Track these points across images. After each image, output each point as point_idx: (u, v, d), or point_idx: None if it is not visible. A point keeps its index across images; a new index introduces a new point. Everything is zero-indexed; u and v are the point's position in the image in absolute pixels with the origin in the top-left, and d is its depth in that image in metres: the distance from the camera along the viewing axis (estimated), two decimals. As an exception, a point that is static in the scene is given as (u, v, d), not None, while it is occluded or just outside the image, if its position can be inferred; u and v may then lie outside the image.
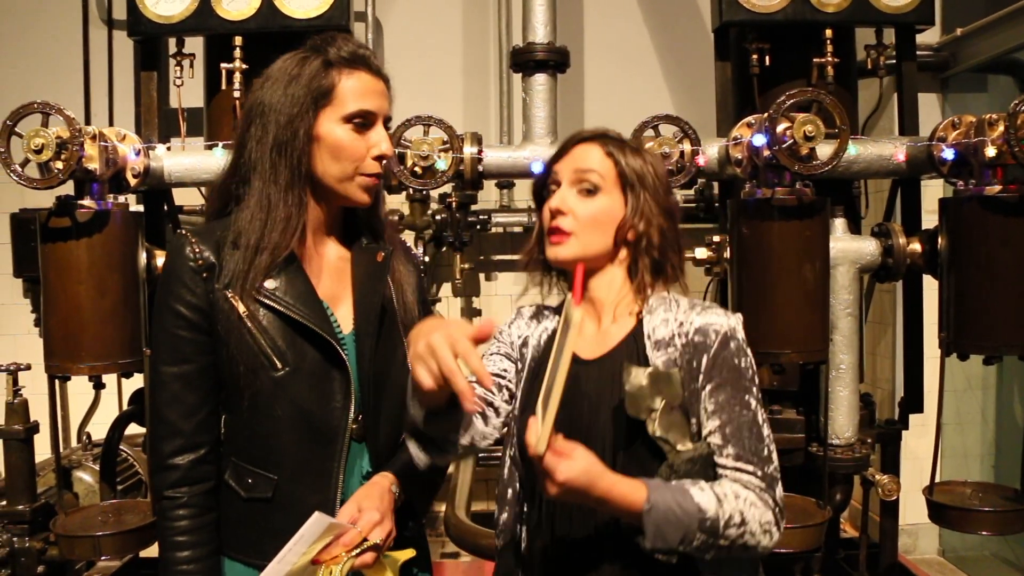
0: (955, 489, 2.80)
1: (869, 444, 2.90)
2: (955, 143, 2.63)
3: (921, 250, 2.80)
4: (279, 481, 1.50)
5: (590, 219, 1.48)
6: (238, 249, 1.48)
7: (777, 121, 2.46)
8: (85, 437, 3.51)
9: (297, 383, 1.49)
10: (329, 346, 1.50)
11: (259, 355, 1.47)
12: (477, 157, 2.84)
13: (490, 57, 4.62)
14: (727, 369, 1.43)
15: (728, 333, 1.45)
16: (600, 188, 1.50)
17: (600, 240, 1.50)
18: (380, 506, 1.46)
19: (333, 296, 1.57)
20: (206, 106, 3.00)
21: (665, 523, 1.30)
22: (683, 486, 1.35)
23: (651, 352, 1.44)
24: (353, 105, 1.51)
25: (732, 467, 1.40)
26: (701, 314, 1.47)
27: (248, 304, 1.47)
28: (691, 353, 1.43)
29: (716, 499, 1.34)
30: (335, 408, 1.52)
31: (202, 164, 2.75)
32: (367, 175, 1.53)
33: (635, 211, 1.50)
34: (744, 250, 2.60)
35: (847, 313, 2.81)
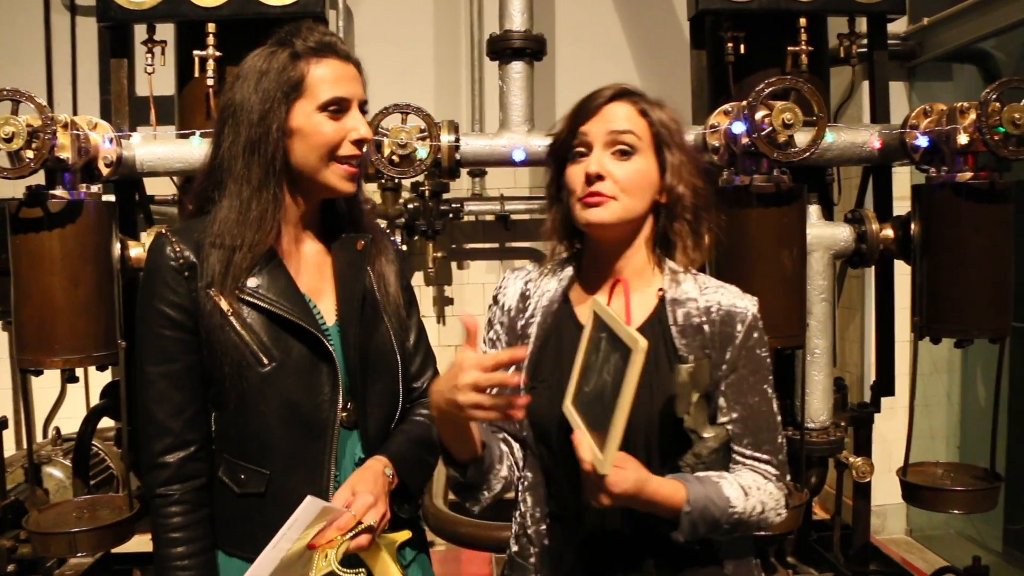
0: (927, 470, 2.85)
1: (843, 427, 2.94)
2: (928, 131, 2.66)
3: (894, 236, 2.84)
4: (271, 475, 1.49)
5: (630, 182, 1.42)
6: (216, 249, 1.47)
7: (756, 109, 2.47)
8: (54, 432, 3.44)
9: (284, 378, 1.48)
10: (314, 339, 1.49)
11: (245, 352, 1.46)
12: (454, 145, 2.82)
13: (461, 45, 4.59)
14: (752, 360, 1.44)
15: (752, 321, 1.45)
16: (637, 149, 1.43)
17: (640, 204, 1.44)
18: (374, 489, 1.45)
19: (315, 289, 1.56)
20: (177, 94, 2.93)
21: (701, 520, 1.34)
22: (714, 481, 1.38)
23: (678, 339, 1.43)
24: (326, 93, 1.48)
25: (751, 456, 1.44)
26: (725, 297, 1.46)
27: (231, 302, 1.46)
28: (719, 340, 1.43)
29: (744, 493, 1.38)
30: (323, 400, 1.50)
31: (175, 153, 2.70)
32: (345, 160, 1.50)
33: (673, 171, 1.44)
34: (722, 237, 2.61)
35: (822, 298, 2.85)
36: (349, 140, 1.50)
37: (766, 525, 1.43)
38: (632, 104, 1.45)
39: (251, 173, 1.47)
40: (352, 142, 1.50)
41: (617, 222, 1.43)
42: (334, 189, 1.52)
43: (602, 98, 1.45)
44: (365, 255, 1.59)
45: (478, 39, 4.49)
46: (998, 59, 4.05)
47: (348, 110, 1.50)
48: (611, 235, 1.46)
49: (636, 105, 1.45)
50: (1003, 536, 4.06)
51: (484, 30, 4.45)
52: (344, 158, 1.50)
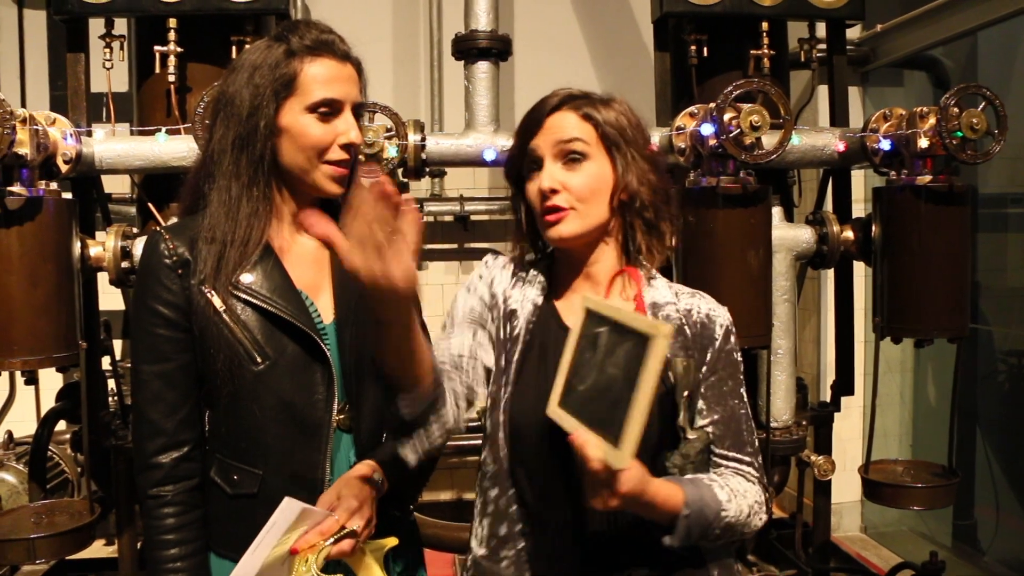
0: (887, 467, 2.91)
1: (804, 426, 2.99)
2: (890, 134, 2.72)
3: (854, 238, 2.90)
4: (264, 476, 1.47)
5: (585, 189, 1.42)
6: (208, 244, 1.45)
7: (724, 110, 2.50)
8: (6, 435, 3.35)
9: (278, 376, 1.46)
10: (309, 338, 1.47)
11: (238, 350, 1.44)
12: (420, 145, 2.82)
13: (420, 45, 4.58)
14: (729, 364, 1.46)
15: (729, 327, 1.47)
16: (586, 155, 1.42)
17: (599, 209, 1.43)
18: (359, 494, 1.43)
19: (313, 286, 1.53)
20: (136, 90, 2.88)
21: (695, 524, 1.33)
22: (707, 484, 1.38)
23: None
24: (317, 94, 1.45)
25: (733, 458, 1.44)
26: (703, 302, 1.48)
27: (225, 299, 1.44)
28: (699, 343, 1.44)
29: (732, 496, 1.38)
30: (318, 400, 1.49)
31: (136, 151, 2.65)
32: (333, 163, 1.48)
33: (624, 169, 1.43)
34: (689, 237, 2.64)
35: (784, 299, 2.89)
36: (338, 144, 1.47)
37: (749, 530, 1.42)
38: (574, 110, 1.44)
39: (240, 169, 1.46)
40: (341, 146, 1.47)
41: (580, 233, 1.43)
42: (321, 190, 1.50)
43: (545, 109, 1.45)
44: None
45: (438, 39, 4.48)
46: (947, 66, 4.17)
47: (340, 112, 1.47)
48: (578, 244, 1.46)
49: (579, 111, 1.44)
50: (952, 532, 4.17)
51: (444, 29, 4.44)
52: (332, 161, 1.48)
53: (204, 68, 2.77)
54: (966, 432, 3.91)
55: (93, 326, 2.70)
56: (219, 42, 2.76)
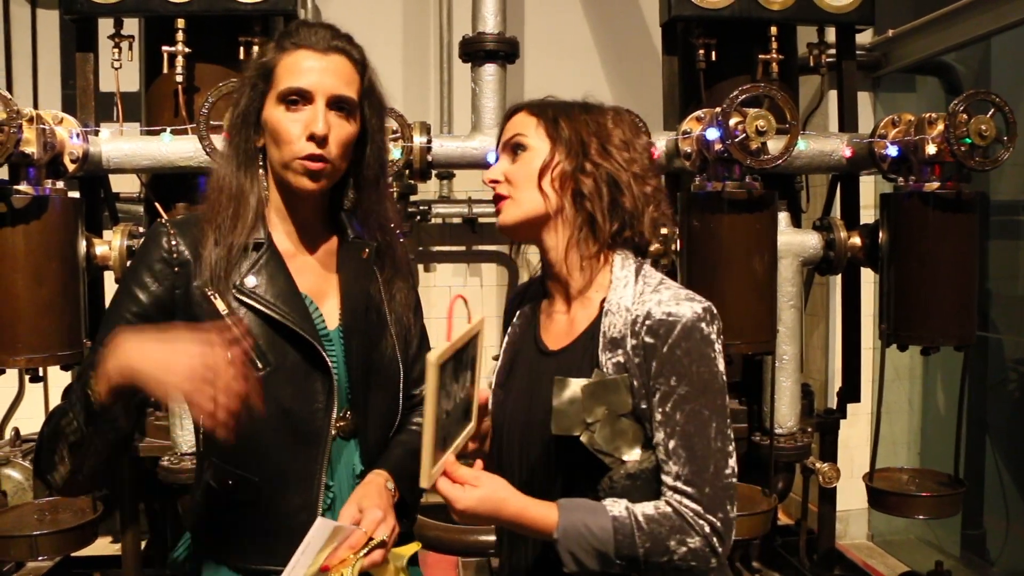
0: (893, 475, 2.90)
1: (809, 433, 2.98)
2: (897, 140, 2.71)
3: (861, 244, 2.89)
4: (260, 483, 1.44)
5: (520, 174, 1.39)
6: (211, 245, 1.43)
7: (729, 115, 2.50)
8: (12, 432, 3.37)
9: (278, 383, 1.42)
10: (311, 346, 1.44)
11: (240, 354, 1.40)
12: (426, 147, 2.83)
13: (430, 47, 4.58)
14: (676, 375, 1.28)
15: (681, 333, 1.28)
16: (526, 146, 1.40)
17: (532, 194, 1.38)
18: (380, 503, 1.41)
19: (318, 291, 1.51)
20: (144, 90, 2.90)
21: (578, 548, 1.24)
22: (601, 508, 1.27)
23: (602, 353, 1.32)
24: (284, 83, 1.43)
25: (671, 487, 1.28)
26: (660, 305, 1.30)
27: (228, 302, 1.42)
28: (642, 355, 1.29)
29: (636, 524, 1.25)
30: (317, 409, 1.46)
31: (143, 150, 2.67)
32: (304, 159, 1.42)
33: (563, 147, 1.37)
34: (694, 242, 2.65)
35: (790, 305, 2.89)
36: (304, 136, 1.42)
37: (686, 568, 1.26)
38: (526, 111, 1.43)
39: (230, 163, 1.47)
40: (307, 137, 1.41)
41: (516, 221, 1.39)
42: (291, 186, 1.46)
43: (507, 114, 1.47)
44: (370, 263, 1.54)
45: (447, 41, 4.48)
46: (959, 71, 4.14)
47: (311, 102, 1.42)
48: (524, 234, 1.43)
49: (530, 109, 1.43)
50: (961, 541, 4.14)
51: (454, 32, 4.45)
52: (300, 154, 1.42)
53: (212, 68, 2.79)
54: (975, 441, 3.88)
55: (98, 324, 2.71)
56: (227, 42, 2.78)
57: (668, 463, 1.28)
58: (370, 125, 1.51)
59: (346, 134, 1.45)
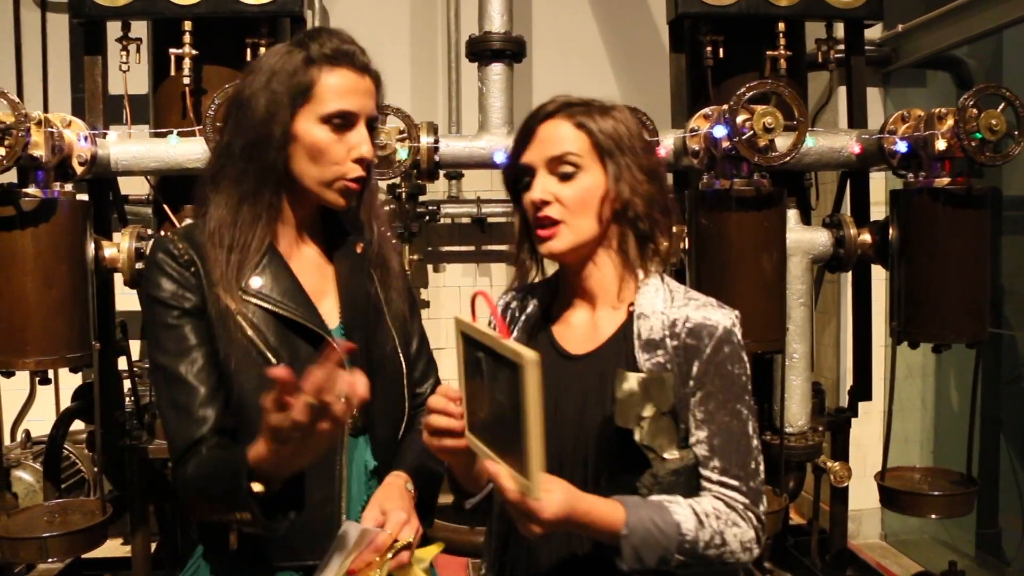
0: (904, 474, 2.88)
1: (820, 432, 2.96)
2: (907, 136, 2.70)
3: (871, 241, 2.87)
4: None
5: (576, 202, 1.37)
6: (215, 249, 1.44)
7: (737, 112, 2.49)
8: (23, 434, 3.39)
9: None
10: (321, 340, 1.45)
11: (253, 352, 1.42)
12: (433, 147, 2.83)
13: (438, 47, 4.59)
14: (720, 376, 1.35)
15: (723, 336, 1.36)
16: (579, 167, 1.37)
17: (590, 222, 1.38)
18: (403, 505, 1.42)
19: (317, 291, 1.52)
20: (152, 92, 2.91)
21: (643, 546, 1.25)
22: (663, 505, 1.29)
23: (639, 354, 1.36)
24: (332, 105, 1.42)
25: (717, 481, 1.34)
26: (697, 310, 1.38)
27: (237, 302, 1.43)
28: (683, 356, 1.35)
29: (697, 519, 1.29)
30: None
31: (151, 152, 2.68)
32: (348, 180, 1.45)
33: (616, 178, 1.37)
34: (702, 241, 2.64)
35: (800, 303, 2.87)
36: (351, 158, 1.44)
37: (732, 560, 1.31)
38: (568, 119, 1.39)
39: (247, 173, 1.45)
40: (354, 160, 1.44)
41: (571, 247, 1.39)
42: (328, 203, 1.48)
43: (537, 119, 1.41)
44: (364, 258, 1.56)
45: (455, 40, 4.49)
46: (971, 66, 4.11)
47: (354, 125, 1.44)
48: (573, 258, 1.42)
49: (573, 119, 1.39)
50: (975, 540, 4.11)
51: (462, 31, 4.45)
52: (343, 175, 1.45)
53: (219, 70, 2.79)
54: (989, 439, 3.85)
55: (108, 327, 2.73)
56: (234, 44, 2.78)
57: (713, 459, 1.34)
58: (375, 136, 1.53)
59: (373, 153, 1.49)
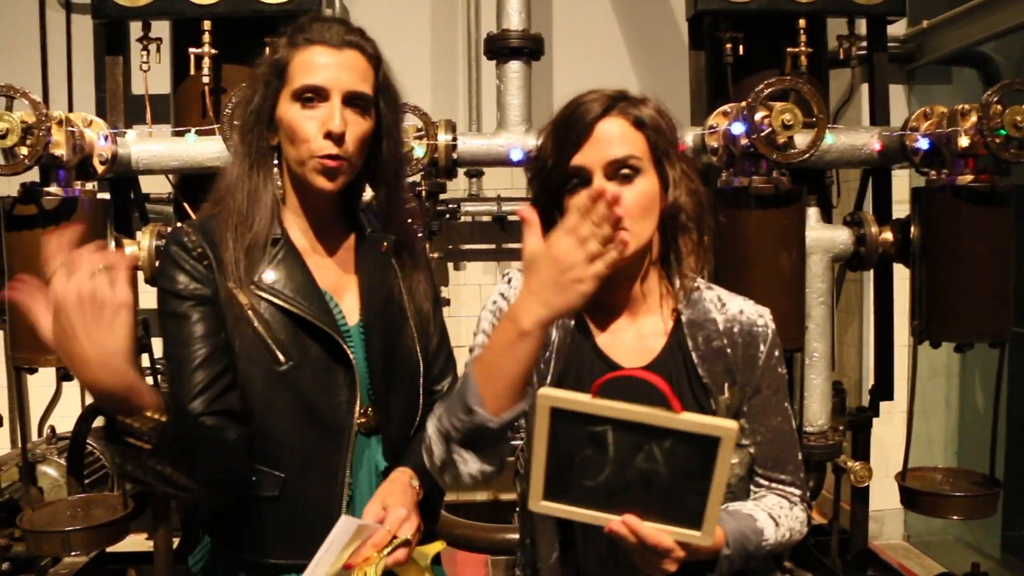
0: (926, 475, 2.85)
1: (840, 431, 2.94)
2: (929, 133, 2.66)
3: (893, 239, 2.85)
4: (285, 478, 1.45)
5: (639, 208, 1.30)
6: (229, 242, 1.44)
7: (755, 109, 2.47)
8: (48, 430, 3.43)
9: (302, 377, 1.44)
10: (332, 340, 1.45)
11: (262, 349, 1.42)
12: (452, 144, 2.83)
13: (459, 44, 4.59)
14: (773, 379, 1.40)
15: (773, 338, 1.40)
16: (640, 170, 1.31)
17: (649, 227, 1.33)
18: (405, 501, 1.42)
19: (337, 286, 1.52)
20: (173, 92, 2.93)
21: (737, 557, 1.30)
22: (746, 515, 1.34)
23: (700, 366, 1.36)
24: (299, 80, 1.43)
25: (776, 479, 1.40)
26: (743, 312, 1.40)
27: (249, 297, 1.43)
28: (742, 362, 1.38)
29: (774, 523, 1.35)
30: (340, 402, 1.47)
31: (171, 151, 2.71)
32: (320, 157, 1.42)
33: (675, 182, 1.34)
34: (721, 238, 2.58)
35: (820, 302, 2.84)
36: (321, 134, 1.42)
37: (789, 546, 1.41)
38: (625, 118, 1.32)
39: (243, 161, 1.47)
40: (324, 135, 1.42)
41: (633, 252, 1.31)
42: (311, 186, 1.46)
43: (591, 115, 1.32)
44: (389, 256, 1.56)
45: (475, 38, 4.49)
46: (998, 62, 4.05)
47: (326, 99, 1.43)
48: (622, 264, 1.34)
49: (629, 117, 1.32)
50: (1001, 542, 4.06)
51: (482, 29, 4.45)
52: (317, 153, 1.43)
53: (238, 69, 2.80)
54: (1015, 439, 3.80)
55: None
56: (253, 43, 2.74)
57: (769, 459, 1.40)
58: (385, 120, 1.51)
59: (362, 130, 1.46)
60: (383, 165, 1.54)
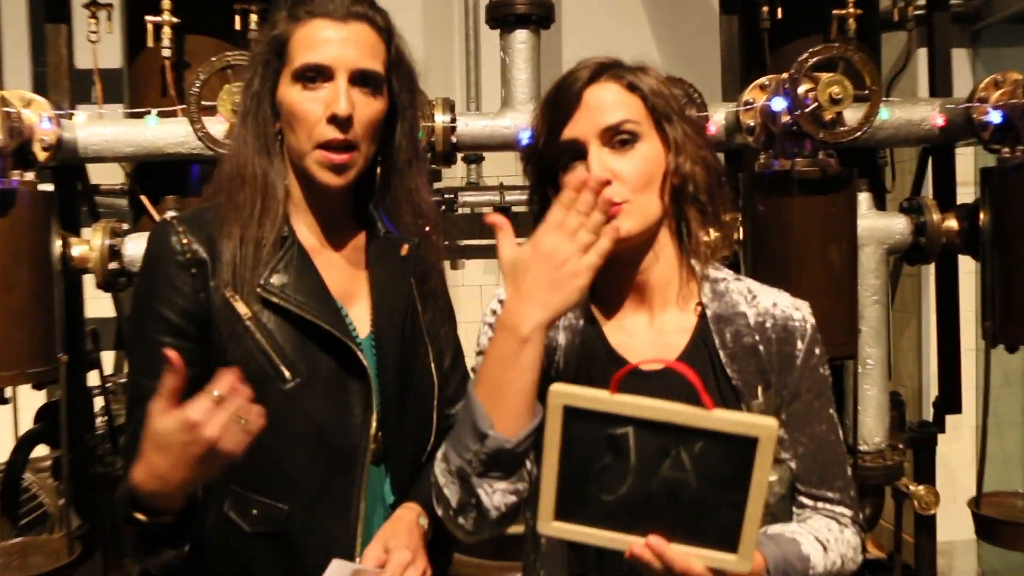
0: (1004, 501, 2.83)
1: (901, 450, 2.93)
2: (1001, 104, 2.64)
3: (958, 227, 2.84)
4: (290, 511, 1.44)
5: (640, 176, 1.33)
6: (224, 240, 1.44)
7: (799, 82, 2.47)
8: (-24, 462, 3.41)
9: (310, 395, 1.43)
10: (347, 351, 1.44)
11: (265, 365, 1.41)
12: (450, 126, 2.82)
13: (454, 12, 4.59)
14: (815, 382, 1.41)
15: (812, 335, 1.41)
16: (638, 135, 1.34)
17: (654, 200, 1.35)
18: (410, 543, 1.42)
19: (346, 294, 1.51)
20: (127, 67, 2.93)
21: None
22: (790, 539, 1.34)
23: (729, 366, 1.37)
24: (300, 58, 1.44)
25: (822, 497, 1.41)
26: (777, 306, 1.40)
27: (250, 304, 1.42)
28: (777, 363, 1.38)
29: (823, 548, 1.35)
30: (354, 424, 1.46)
31: (126, 135, 2.69)
32: (323, 148, 1.43)
33: (677, 147, 1.36)
34: (759, 230, 2.62)
35: (874, 301, 2.84)
36: (324, 118, 1.43)
37: (845, 572, 1.40)
38: (616, 80, 1.36)
39: (245, 149, 1.48)
40: (328, 120, 1.42)
41: (639, 230, 1.35)
42: (315, 179, 1.46)
43: (579, 83, 1.36)
44: (410, 262, 1.54)
45: (473, 4, 4.49)
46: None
47: (330, 79, 1.43)
48: (633, 245, 1.38)
49: (621, 80, 1.36)
50: (1090, 579, 4.06)
51: (478, -5, 4.46)
52: (319, 141, 1.43)
53: (203, 40, 2.80)
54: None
55: (77, 336, 2.75)
56: (220, 11, 2.78)
57: (813, 474, 1.40)
58: (399, 101, 1.52)
59: (373, 113, 1.46)
60: (398, 152, 1.54)
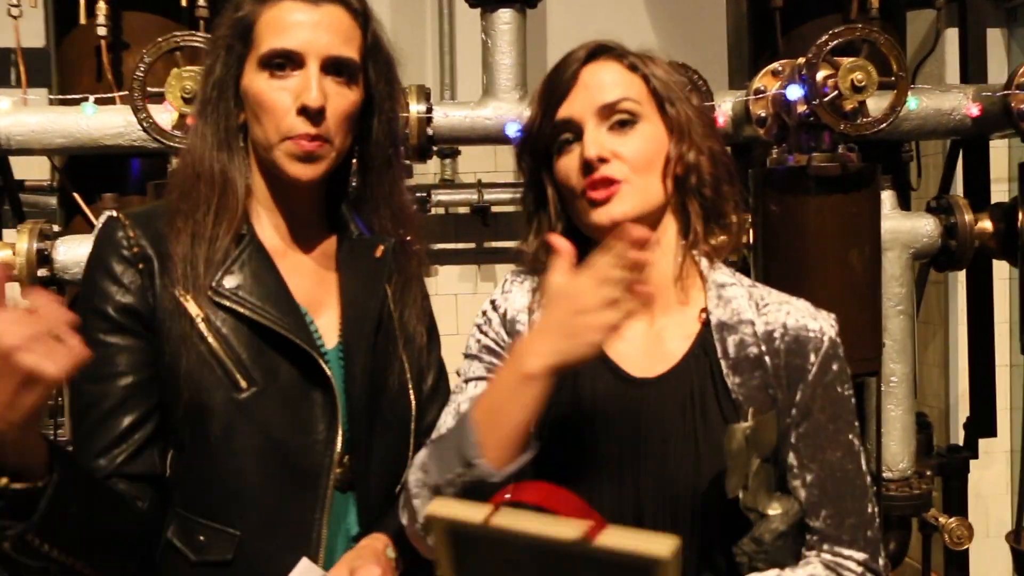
0: (1047, 534, 2.81)
1: (929, 478, 2.91)
2: (1043, 91, 2.64)
3: (993, 229, 2.83)
4: (242, 537, 1.44)
5: (640, 157, 1.38)
6: (174, 236, 1.46)
7: (817, 67, 2.44)
8: None
9: (267, 407, 1.44)
10: (308, 359, 1.45)
11: (217, 371, 1.43)
12: (425, 117, 2.80)
13: (425, -10, 4.59)
14: (831, 402, 1.39)
15: (830, 350, 1.39)
16: (639, 115, 1.40)
17: (657, 183, 1.40)
18: (379, 562, 1.42)
19: (314, 300, 1.53)
20: (55, 47, 2.88)
21: None
22: None
23: (730, 378, 1.37)
24: (267, 44, 1.46)
25: (828, 537, 1.37)
26: (790, 315, 1.41)
27: (202, 305, 1.43)
28: (785, 377, 1.38)
29: None
30: (316, 441, 1.47)
31: (56, 125, 2.66)
32: (293, 138, 1.45)
33: (680, 133, 1.40)
34: (772, 232, 2.60)
35: (899, 311, 2.83)
36: (293, 109, 1.45)
37: None
38: (617, 60, 1.42)
39: (209, 139, 1.49)
40: (297, 111, 1.44)
41: (639, 213, 1.37)
42: (282, 171, 1.48)
43: (576, 62, 1.42)
44: (384, 265, 1.56)
45: (446, -19, 4.48)
46: None
47: (301, 66, 1.45)
48: None
49: (622, 60, 1.42)
50: None
51: (452, -30, 4.45)
52: (288, 133, 1.45)
53: (144, 18, 2.77)
54: None
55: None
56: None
57: (823, 507, 1.37)
58: (376, 91, 1.55)
59: (347, 104, 1.49)
60: (374, 148, 1.58)
